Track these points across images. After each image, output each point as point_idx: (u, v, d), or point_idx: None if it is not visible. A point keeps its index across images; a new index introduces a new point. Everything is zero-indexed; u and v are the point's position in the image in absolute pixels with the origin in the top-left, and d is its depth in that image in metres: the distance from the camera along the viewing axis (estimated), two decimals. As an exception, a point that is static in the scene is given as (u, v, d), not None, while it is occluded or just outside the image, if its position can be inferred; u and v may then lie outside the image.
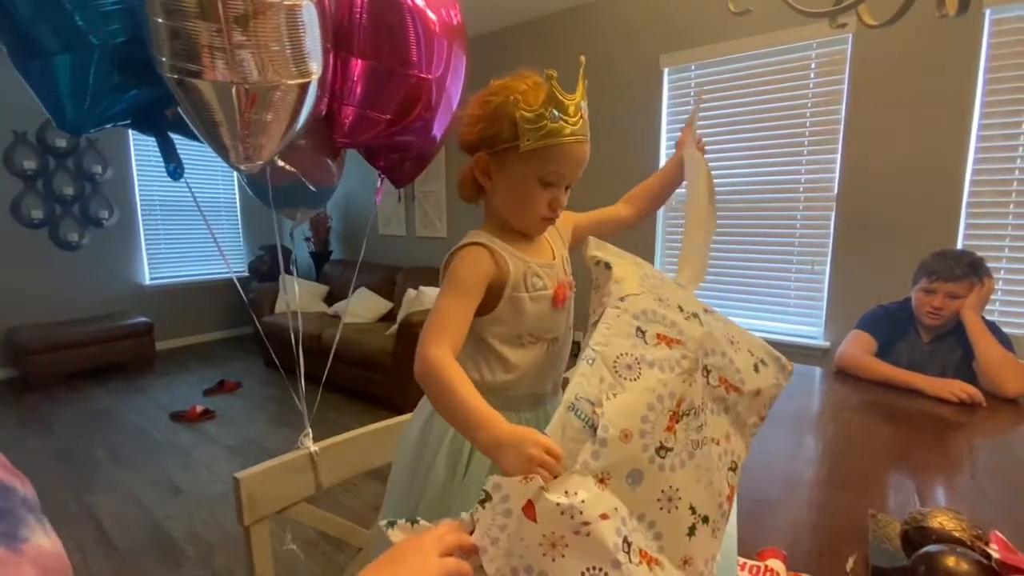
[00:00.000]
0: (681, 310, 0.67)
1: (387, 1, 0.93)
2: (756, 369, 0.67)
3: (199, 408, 3.28)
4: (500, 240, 0.80)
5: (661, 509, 0.56)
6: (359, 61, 0.95)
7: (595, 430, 0.55)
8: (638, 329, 0.62)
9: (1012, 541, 0.68)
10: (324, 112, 0.99)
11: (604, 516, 0.52)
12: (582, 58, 0.76)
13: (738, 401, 0.65)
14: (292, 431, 3.05)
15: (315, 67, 0.80)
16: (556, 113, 0.72)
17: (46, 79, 0.73)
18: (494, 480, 0.53)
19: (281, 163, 1.01)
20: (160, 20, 0.68)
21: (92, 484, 2.47)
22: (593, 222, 0.99)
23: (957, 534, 0.67)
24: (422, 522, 0.53)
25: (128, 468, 2.62)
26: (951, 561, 0.61)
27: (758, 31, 2.62)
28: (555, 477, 0.54)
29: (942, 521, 0.69)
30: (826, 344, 2.62)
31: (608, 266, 0.69)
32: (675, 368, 0.61)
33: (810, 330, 2.71)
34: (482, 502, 0.53)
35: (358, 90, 0.99)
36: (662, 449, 0.57)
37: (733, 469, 0.64)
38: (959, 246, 2.25)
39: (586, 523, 0.51)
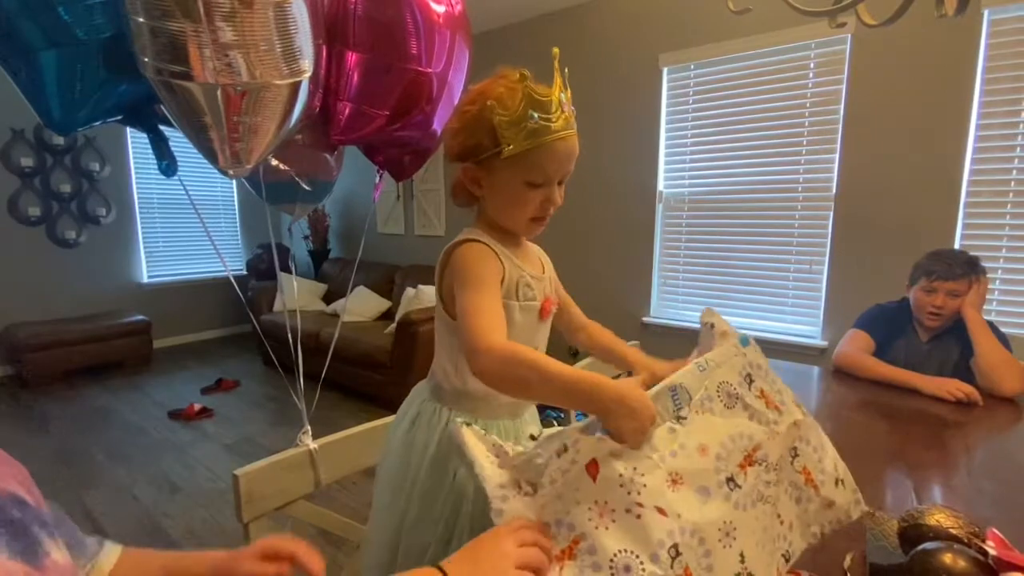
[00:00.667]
0: (786, 392, 0.69)
1: None
2: (836, 484, 0.67)
3: (197, 406, 3.27)
4: (495, 242, 0.79)
5: (719, 541, 0.55)
6: (354, 55, 0.93)
7: (679, 420, 0.58)
8: (748, 376, 0.65)
9: (1009, 538, 0.68)
10: (318, 108, 0.98)
11: (661, 511, 0.52)
12: (555, 50, 0.74)
13: (811, 499, 0.64)
14: (290, 429, 3.05)
15: (306, 65, 0.79)
16: (535, 115, 0.71)
17: (33, 76, 0.72)
18: (573, 435, 0.55)
19: (275, 162, 1.00)
20: (140, 19, 0.66)
21: (89, 482, 2.46)
22: (561, 298, 0.94)
23: (954, 531, 0.67)
24: (494, 437, 0.59)
25: (125, 466, 2.61)
26: (948, 558, 0.61)
27: (757, 31, 2.62)
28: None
29: (939, 519, 0.69)
30: (823, 344, 2.62)
31: (712, 325, 0.70)
32: (765, 424, 0.62)
33: (808, 329, 2.72)
34: (559, 453, 0.55)
35: (354, 85, 0.97)
36: (732, 481, 0.57)
37: (786, 558, 0.62)
38: (956, 246, 2.26)
39: (640, 505, 0.52)
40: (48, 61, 0.71)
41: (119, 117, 0.83)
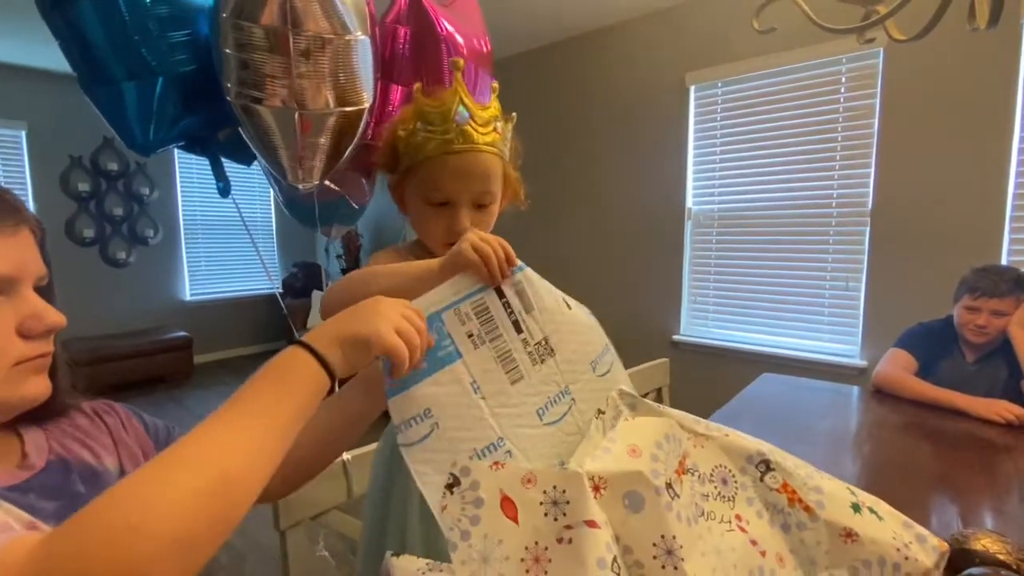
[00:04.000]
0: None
1: (429, 33, 0.97)
2: (856, 509, 0.52)
3: (233, 420, 3.36)
4: (408, 253, 0.77)
5: (655, 558, 0.45)
6: (399, 88, 0.99)
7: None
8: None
9: (1063, 566, 0.65)
10: (371, 136, 1.04)
11: (592, 524, 0.45)
12: (457, 60, 0.71)
13: (805, 524, 0.52)
14: (322, 444, 3.10)
15: (367, 96, 0.85)
16: (423, 124, 0.69)
17: (140, 100, 0.79)
18: (462, 464, 0.48)
19: (327, 183, 1.06)
20: (230, 51, 0.74)
21: (132, 492, 2.55)
22: None
23: (1002, 557, 0.64)
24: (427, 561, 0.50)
25: (166, 477, 2.70)
26: (995, 584, 0.58)
27: (786, 47, 2.61)
28: (500, 269, 0.54)
29: (986, 543, 0.67)
30: (863, 363, 2.53)
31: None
32: (688, 432, 0.55)
33: (845, 348, 2.63)
34: (449, 487, 0.48)
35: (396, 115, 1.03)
36: (671, 488, 0.48)
37: None
38: (1004, 261, 2.16)
39: (569, 527, 0.45)
40: (129, 90, 0.78)
41: (182, 143, 0.91)
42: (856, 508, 0.53)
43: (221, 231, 5.02)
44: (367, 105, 0.87)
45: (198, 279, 4.94)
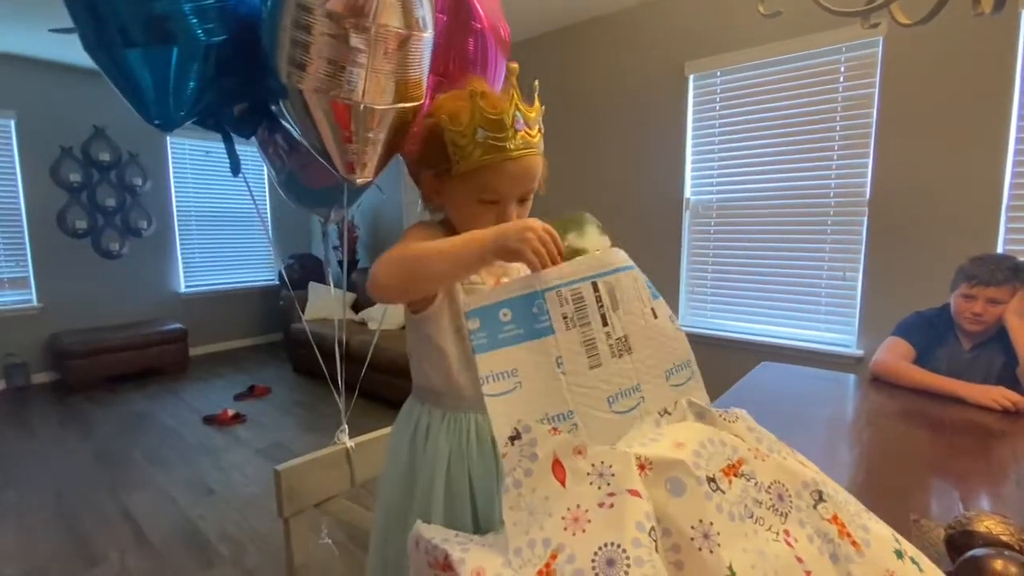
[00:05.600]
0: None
1: (464, 23, 0.94)
2: (899, 556, 0.53)
3: (230, 412, 3.36)
4: (443, 228, 0.81)
5: (692, 540, 0.47)
6: (432, 77, 0.96)
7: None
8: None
9: (1064, 548, 0.66)
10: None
11: (634, 493, 0.48)
12: (513, 65, 0.73)
13: (852, 558, 0.53)
14: (319, 436, 3.10)
15: (421, 93, 0.82)
16: (483, 131, 0.71)
17: (133, 71, 0.73)
18: (525, 423, 0.54)
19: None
20: (287, 29, 0.71)
21: (129, 483, 2.55)
22: None
23: (1005, 538, 0.65)
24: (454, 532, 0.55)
25: (163, 469, 2.70)
26: (998, 565, 0.59)
27: (785, 36, 2.60)
28: (552, 261, 0.59)
29: (989, 525, 0.67)
30: (859, 353, 2.55)
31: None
32: (750, 447, 0.56)
33: (842, 338, 2.65)
34: (512, 439, 0.53)
35: (425, 105, 1.00)
36: (713, 482, 0.50)
37: None
38: (999, 251, 2.18)
39: (612, 495, 0.48)
40: (136, 58, 0.73)
41: (194, 119, 0.85)
42: (899, 555, 0.54)
43: (215, 223, 4.97)
44: (419, 103, 0.85)
45: (192, 271, 4.90)
